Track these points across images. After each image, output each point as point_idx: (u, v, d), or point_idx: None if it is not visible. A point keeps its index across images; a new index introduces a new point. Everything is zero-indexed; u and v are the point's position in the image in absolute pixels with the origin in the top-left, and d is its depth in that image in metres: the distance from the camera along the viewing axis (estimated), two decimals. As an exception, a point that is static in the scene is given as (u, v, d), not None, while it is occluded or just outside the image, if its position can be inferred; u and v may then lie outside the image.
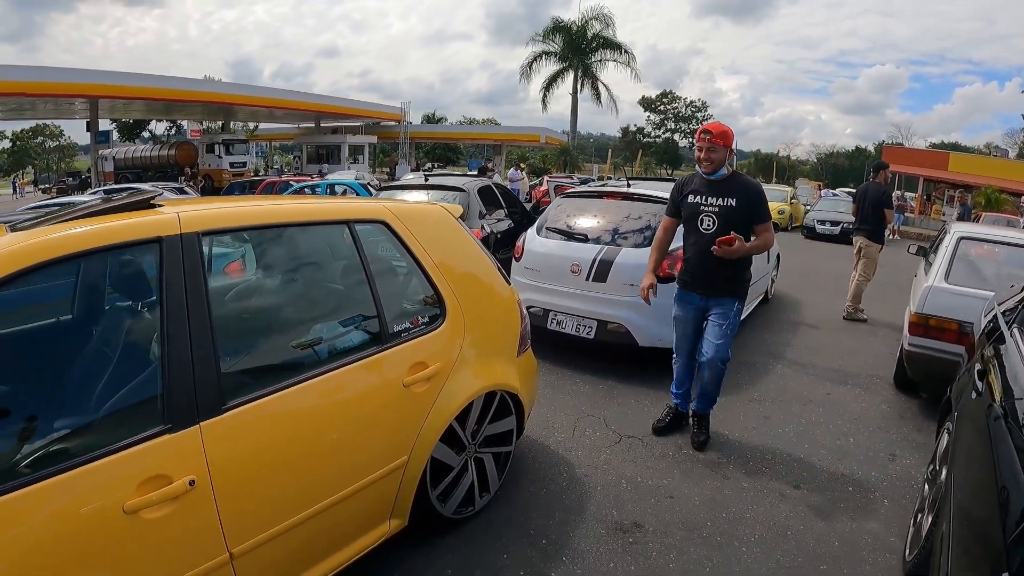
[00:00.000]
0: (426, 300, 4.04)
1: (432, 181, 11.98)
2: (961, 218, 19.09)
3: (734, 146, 5.82)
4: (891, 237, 13.72)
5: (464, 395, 4.03)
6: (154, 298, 2.82)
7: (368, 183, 26.63)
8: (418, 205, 4.46)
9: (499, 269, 4.74)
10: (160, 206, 3.08)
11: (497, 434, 4.50)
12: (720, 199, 5.56)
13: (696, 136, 5.70)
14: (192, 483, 2.61)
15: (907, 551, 4.10)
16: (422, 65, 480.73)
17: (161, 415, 2.64)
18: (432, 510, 4.01)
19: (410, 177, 20.23)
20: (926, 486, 4.33)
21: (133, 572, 2.50)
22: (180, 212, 2.95)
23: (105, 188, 26.62)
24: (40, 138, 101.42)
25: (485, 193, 11.79)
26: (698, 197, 5.65)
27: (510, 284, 4.84)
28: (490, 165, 49.40)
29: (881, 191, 11.21)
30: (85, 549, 2.36)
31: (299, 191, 23.44)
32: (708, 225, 5.58)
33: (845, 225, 25.51)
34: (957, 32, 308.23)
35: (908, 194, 49.25)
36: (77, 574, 2.34)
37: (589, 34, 55.10)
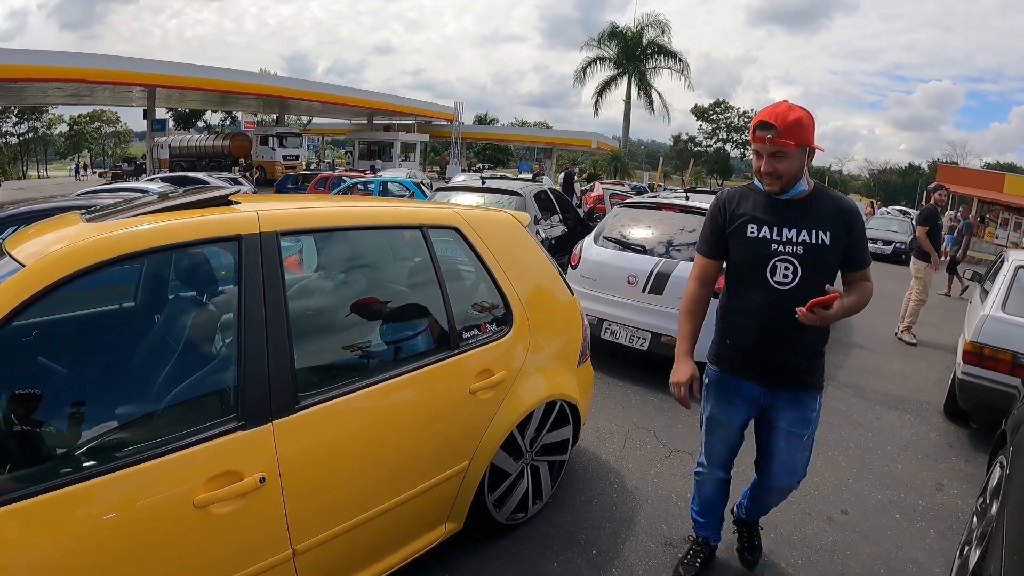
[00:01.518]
0: (493, 307, 4.07)
1: (488, 184, 12.01)
2: (961, 234, 18.71)
3: (815, 142, 3.37)
4: (943, 259, 13.41)
5: (526, 404, 4.06)
6: (233, 296, 2.85)
7: (421, 182, 26.73)
8: (488, 212, 4.50)
9: (563, 278, 4.75)
10: (237, 203, 3.12)
11: (554, 443, 4.52)
12: (804, 232, 3.36)
13: (750, 133, 3.36)
14: (262, 480, 2.65)
15: (950, 581, 4.09)
16: (475, 65, 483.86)
17: (236, 412, 2.68)
18: (487, 515, 4.04)
19: (461, 179, 20.28)
20: (975, 519, 4.25)
21: (199, 564, 2.54)
22: (259, 211, 2.99)
23: (162, 176, 26.90)
24: (97, 123, 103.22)
25: (541, 198, 11.84)
26: (765, 229, 3.42)
27: (573, 294, 4.85)
28: (538, 168, 49.51)
29: (926, 212, 11.23)
30: (154, 539, 2.42)
31: (352, 187, 23.69)
32: (786, 275, 3.39)
33: (897, 245, 25.25)
34: (1017, 48, 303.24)
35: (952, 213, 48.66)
36: (144, 563, 2.40)
37: (644, 40, 55.15)
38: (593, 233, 8.76)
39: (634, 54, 55.44)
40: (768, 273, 3.41)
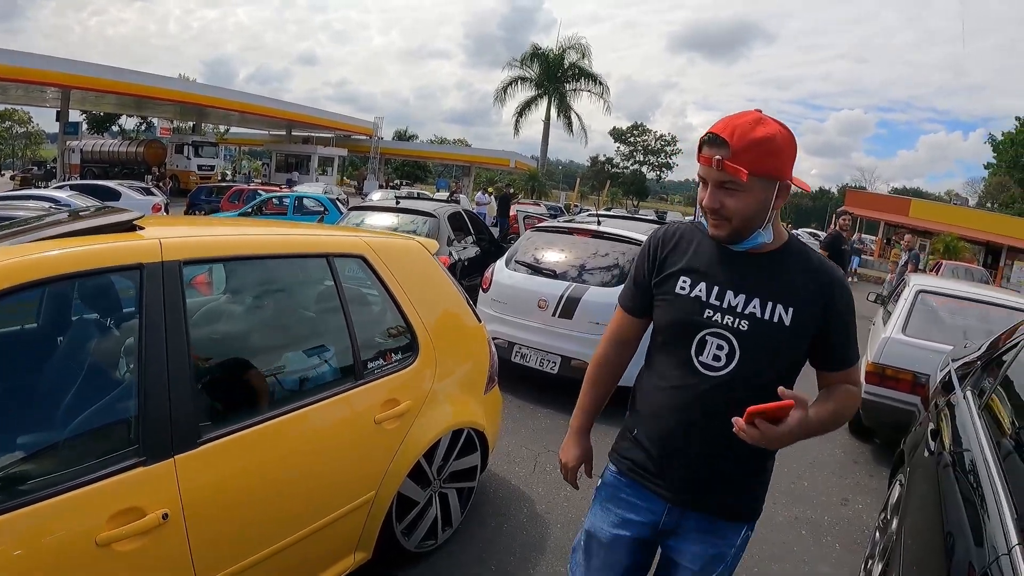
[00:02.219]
0: (399, 336, 4.08)
1: (403, 204, 12.12)
2: (907, 264, 19.35)
3: (791, 172, 2.31)
4: (850, 280, 13.83)
5: (432, 433, 4.07)
6: (133, 327, 2.80)
7: (337, 198, 26.65)
8: (396, 240, 4.51)
9: (470, 305, 4.79)
10: (142, 228, 3.07)
11: (462, 470, 4.54)
12: (756, 301, 2.36)
13: (698, 152, 2.32)
14: (165, 517, 2.61)
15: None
16: (399, 80, 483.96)
17: (136, 446, 2.64)
18: (396, 544, 4.04)
19: (377, 196, 20.34)
20: (877, 533, 4.55)
21: None
22: (162, 239, 2.94)
23: (71, 183, 26.29)
24: (8, 123, 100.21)
25: (454, 219, 11.94)
26: (701, 287, 2.42)
27: (480, 321, 4.89)
28: (455, 186, 49.68)
29: (830, 237, 11.54)
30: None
31: (267, 202, 23.53)
32: (717, 357, 2.37)
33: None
34: (928, 81, 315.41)
35: (867, 236, 50.21)
36: None
37: (566, 63, 56.19)
38: (505, 256, 8.85)
39: (555, 76, 56.33)
40: (694, 349, 2.36)
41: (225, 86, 66.00)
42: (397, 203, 12.27)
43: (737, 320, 2.31)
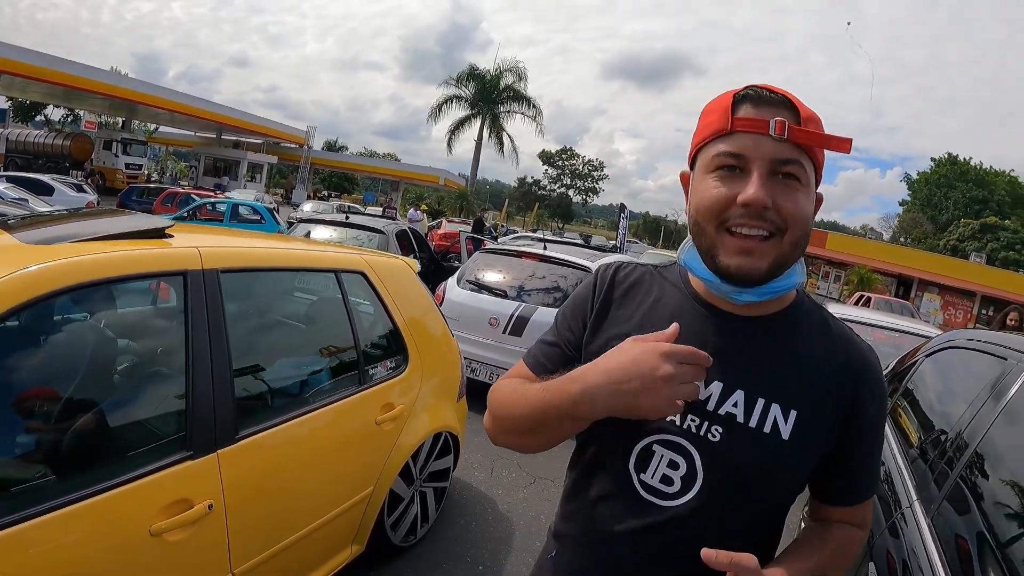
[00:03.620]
0: (392, 345, 4.40)
1: (352, 220, 12.42)
2: None
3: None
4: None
5: (420, 434, 4.40)
6: (179, 330, 2.97)
7: (274, 207, 26.46)
8: (388, 258, 4.82)
9: (444, 319, 5.17)
10: (171, 236, 3.22)
11: (439, 471, 4.89)
12: (738, 391, 1.52)
13: (716, 116, 1.47)
14: (210, 507, 2.78)
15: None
16: (330, 89, 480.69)
17: (185, 442, 2.81)
18: (385, 537, 4.30)
19: (309, 207, 20.07)
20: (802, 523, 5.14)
21: None
22: (200, 248, 3.13)
23: (6, 175, 25.18)
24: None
25: (401, 237, 12.31)
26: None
27: (454, 335, 5.26)
28: (386, 201, 49.62)
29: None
30: (114, 566, 2.50)
31: (201, 207, 23.15)
32: (668, 479, 1.53)
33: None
34: (849, 121, 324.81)
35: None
36: None
37: (502, 85, 56.64)
38: (456, 275, 9.22)
39: (490, 97, 56.84)
40: (632, 463, 1.57)
41: (155, 82, 64.16)
42: (347, 218, 12.55)
43: (705, 424, 1.51)
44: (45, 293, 2.47)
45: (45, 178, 25.76)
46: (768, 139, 1.40)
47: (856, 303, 23.77)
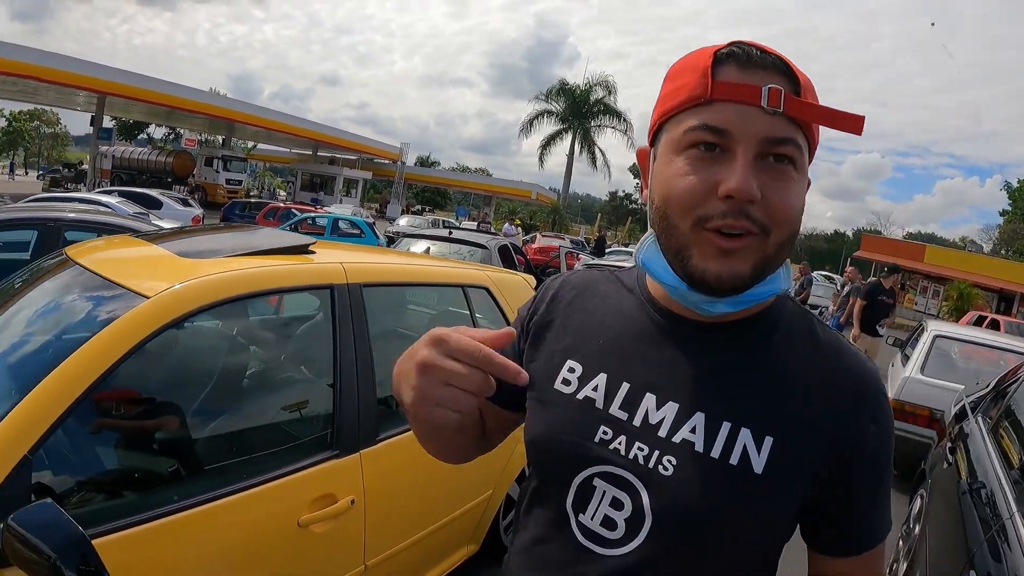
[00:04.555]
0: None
1: (455, 235, 12.72)
2: (848, 296, 18.98)
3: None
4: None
5: None
6: (327, 338, 3.19)
7: (373, 222, 26.78)
8: (508, 274, 5.02)
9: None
10: (314, 252, 3.43)
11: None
12: (697, 414, 1.19)
13: (706, 78, 1.11)
14: (352, 502, 2.97)
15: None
16: (419, 105, 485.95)
17: (332, 442, 3.02)
18: (498, 539, 4.41)
19: (404, 222, 20.16)
20: (900, 541, 5.22)
21: None
22: (343, 263, 3.34)
23: (119, 190, 26.19)
24: (36, 123, 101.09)
25: (503, 252, 12.47)
26: (600, 379, 1.28)
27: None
28: (480, 215, 49.92)
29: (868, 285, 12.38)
30: (266, 553, 2.73)
31: (303, 221, 23.57)
32: (611, 523, 1.20)
33: (822, 310, 26.12)
34: (945, 127, 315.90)
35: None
36: (258, 573, 2.72)
37: (592, 99, 56.78)
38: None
39: (581, 111, 57.10)
40: (570, 501, 1.26)
41: (250, 101, 65.91)
42: (450, 233, 12.87)
43: (656, 453, 1.20)
44: (220, 299, 2.72)
45: (154, 193, 26.62)
46: (759, 112, 1.09)
47: (978, 325, 21.55)
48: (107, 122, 53.63)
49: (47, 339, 2.65)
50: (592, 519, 1.22)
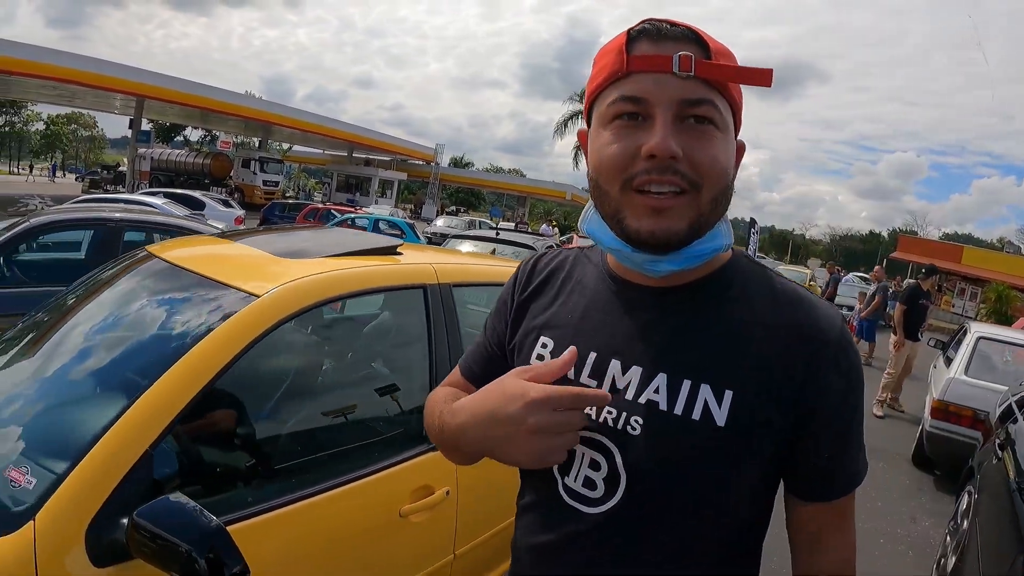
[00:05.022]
0: None
1: (503, 236, 13.01)
2: (875, 295, 17.93)
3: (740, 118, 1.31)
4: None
5: None
6: (422, 336, 3.29)
7: (413, 223, 27.04)
8: None
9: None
10: (401, 254, 3.52)
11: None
12: (659, 374, 1.28)
13: (621, 55, 1.23)
14: (448, 493, 3.04)
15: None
16: (452, 106, 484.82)
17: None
18: None
19: (441, 223, 20.08)
20: (948, 536, 5.48)
21: (398, 564, 2.93)
22: (433, 264, 3.46)
23: (155, 191, 26.76)
24: (74, 126, 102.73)
25: (550, 253, 12.70)
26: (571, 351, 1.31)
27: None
28: (518, 217, 49.95)
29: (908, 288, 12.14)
30: (371, 540, 2.82)
31: (343, 222, 23.71)
32: (591, 483, 1.32)
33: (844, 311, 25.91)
34: (979, 124, 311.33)
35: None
36: (363, 559, 2.80)
37: (626, 99, 56.19)
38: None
39: (615, 111, 56.47)
40: (556, 467, 1.39)
41: (284, 103, 66.40)
42: (497, 235, 13.14)
43: (624, 415, 1.30)
44: (326, 298, 2.83)
45: (198, 194, 27.11)
46: (672, 77, 1.18)
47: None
48: (144, 125, 54.25)
49: (159, 336, 2.66)
50: (575, 481, 1.33)
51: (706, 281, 1.33)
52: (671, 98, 1.18)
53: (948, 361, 9.42)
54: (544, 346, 1.44)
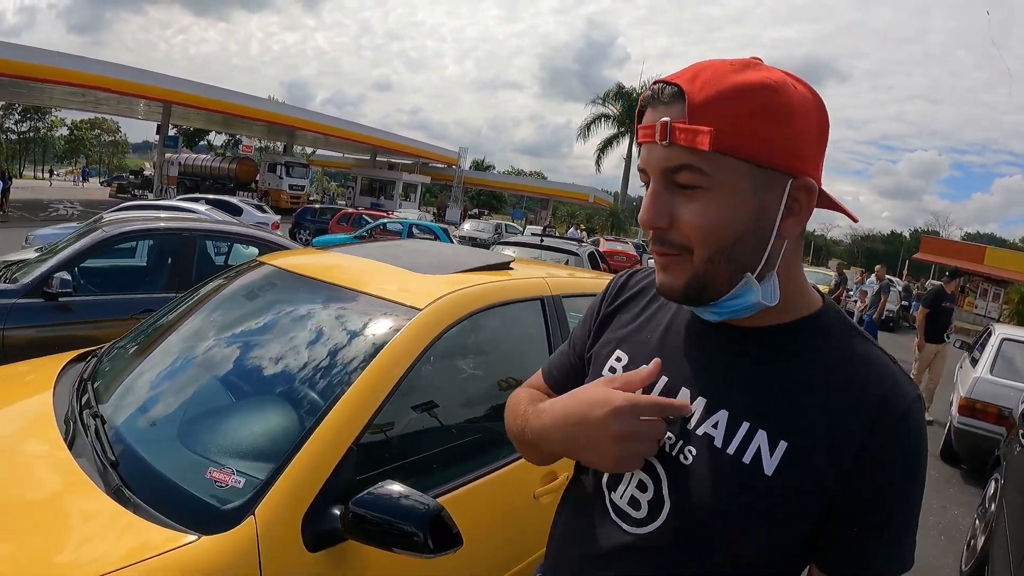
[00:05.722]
0: None
1: (547, 242, 13.19)
2: (879, 294, 16.94)
3: (817, 165, 1.33)
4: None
5: None
6: (542, 344, 3.60)
7: (446, 228, 27.12)
8: None
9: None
10: (513, 268, 3.85)
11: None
12: (721, 411, 1.28)
13: (637, 123, 1.28)
14: (567, 477, 3.02)
15: (963, 565, 5.84)
16: (471, 109, 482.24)
17: None
18: None
19: (468, 226, 19.20)
20: (977, 520, 6.05)
21: (528, 538, 3.17)
22: (546, 279, 3.79)
23: (197, 196, 26.79)
24: (97, 131, 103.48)
25: (591, 258, 13.09)
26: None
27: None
28: (546, 220, 49.71)
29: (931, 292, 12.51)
30: (511, 517, 3.14)
31: (377, 227, 24.11)
32: (636, 503, 1.34)
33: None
34: (1002, 122, 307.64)
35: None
36: (504, 533, 3.11)
37: (649, 102, 56.41)
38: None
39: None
40: (606, 479, 1.43)
41: (304, 107, 66.51)
42: (541, 241, 13.34)
43: (680, 443, 1.31)
44: (474, 310, 3.13)
45: (235, 200, 27.41)
46: (658, 147, 1.21)
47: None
48: (171, 131, 54.81)
49: (339, 346, 2.89)
50: (621, 498, 1.36)
51: (789, 328, 1.30)
52: (656, 167, 1.22)
53: (973, 361, 9.82)
54: (618, 359, 1.48)
